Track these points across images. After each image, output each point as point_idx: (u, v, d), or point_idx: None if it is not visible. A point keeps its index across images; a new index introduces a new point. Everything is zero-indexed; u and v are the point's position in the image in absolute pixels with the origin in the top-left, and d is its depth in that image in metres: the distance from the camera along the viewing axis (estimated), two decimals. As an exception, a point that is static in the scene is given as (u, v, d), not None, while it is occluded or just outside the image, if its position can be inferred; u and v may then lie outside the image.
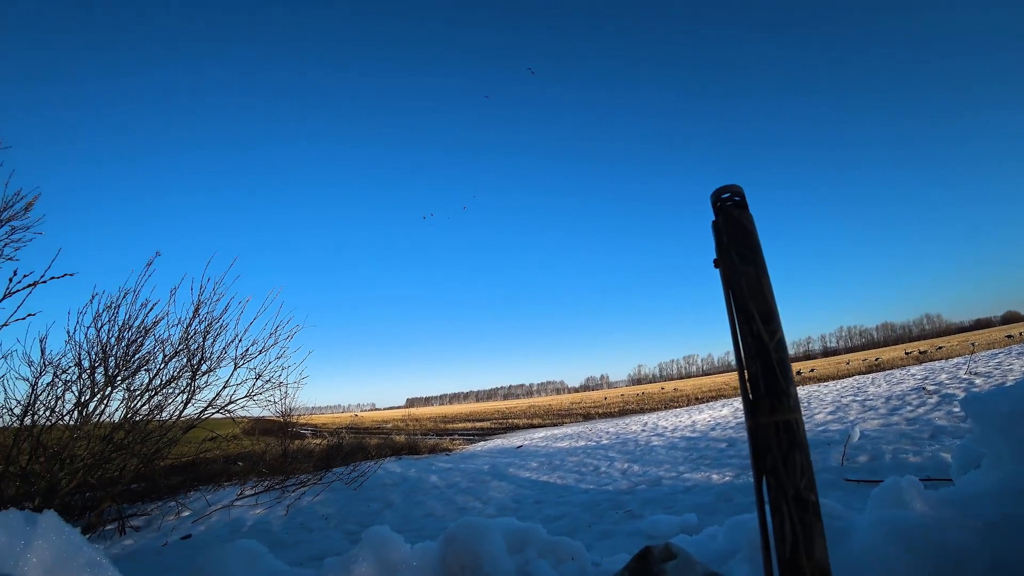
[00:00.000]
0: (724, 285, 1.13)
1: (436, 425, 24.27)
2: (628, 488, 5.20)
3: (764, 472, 0.99)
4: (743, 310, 1.07)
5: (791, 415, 0.99)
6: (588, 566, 1.98)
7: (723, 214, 1.16)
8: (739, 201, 1.16)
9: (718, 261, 1.16)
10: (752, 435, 1.01)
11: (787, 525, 0.93)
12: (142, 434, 4.72)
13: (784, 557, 0.93)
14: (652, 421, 12.47)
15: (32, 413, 4.10)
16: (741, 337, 1.07)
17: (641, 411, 18.45)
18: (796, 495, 0.94)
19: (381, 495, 5.91)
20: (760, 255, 1.11)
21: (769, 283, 1.10)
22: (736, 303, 1.09)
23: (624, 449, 7.99)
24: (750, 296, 1.07)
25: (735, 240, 1.12)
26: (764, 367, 1.02)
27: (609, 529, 3.81)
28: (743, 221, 1.14)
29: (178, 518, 4.80)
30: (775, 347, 1.03)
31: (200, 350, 5.07)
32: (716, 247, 1.17)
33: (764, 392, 1.01)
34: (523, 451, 9.81)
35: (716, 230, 1.17)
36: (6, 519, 1.13)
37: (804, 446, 0.98)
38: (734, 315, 1.09)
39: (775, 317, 1.07)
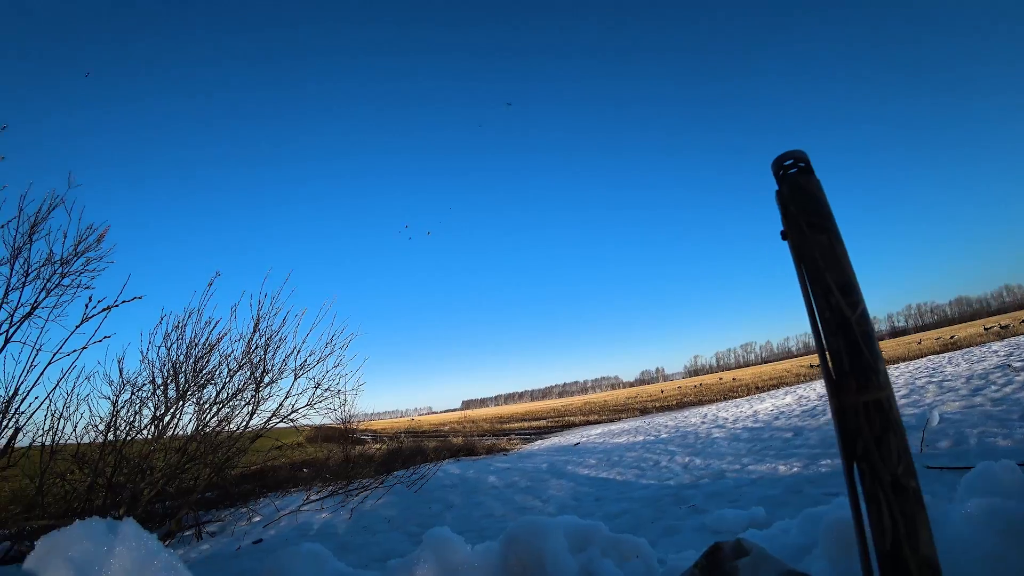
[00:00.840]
0: (795, 258, 1.04)
1: (492, 426, 24.42)
2: (690, 482, 5.05)
3: (855, 458, 0.89)
4: (819, 282, 0.98)
5: (881, 393, 0.90)
6: (654, 564, 1.91)
7: (787, 182, 1.07)
8: (804, 167, 1.07)
9: (786, 233, 1.07)
10: (838, 417, 0.92)
11: (886, 516, 0.84)
12: (213, 445, 4.94)
13: (884, 551, 0.84)
14: (712, 413, 12.10)
15: (114, 429, 4.35)
16: (818, 312, 0.98)
17: (699, 403, 17.96)
18: (894, 482, 0.85)
19: (441, 497, 5.97)
20: (833, 222, 1.02)
21: (845, 252, 1.00)
22: (810, 276, 1.00)
23: (684, 442, 7.78)
24: (825, 267, 0.98)
25: (803, 209, 1.03)
26: (847, 342, 0.93)
27: (673, 525, 3.70)
28: (810, 188, 1.04)
29: (250, 524, 5.00)
30: (858, 320, 0.94)
31: (262, 363, 5.27)
32: (782, 218, 1.08)
33: (849, 369, 0.92)
34: (581, 448, 9.71)
35: (781, 200, 1.08)
36: (89, 527, 1.18)
37: (899, 427, 0.88)
38: (809, 289, 1.00)
39: (855, 288, 0.97)
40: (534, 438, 14.71)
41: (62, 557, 1.09)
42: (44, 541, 1.13)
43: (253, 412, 5.26)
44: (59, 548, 1.11)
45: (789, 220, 1.05)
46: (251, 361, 5.23)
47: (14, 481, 3.91)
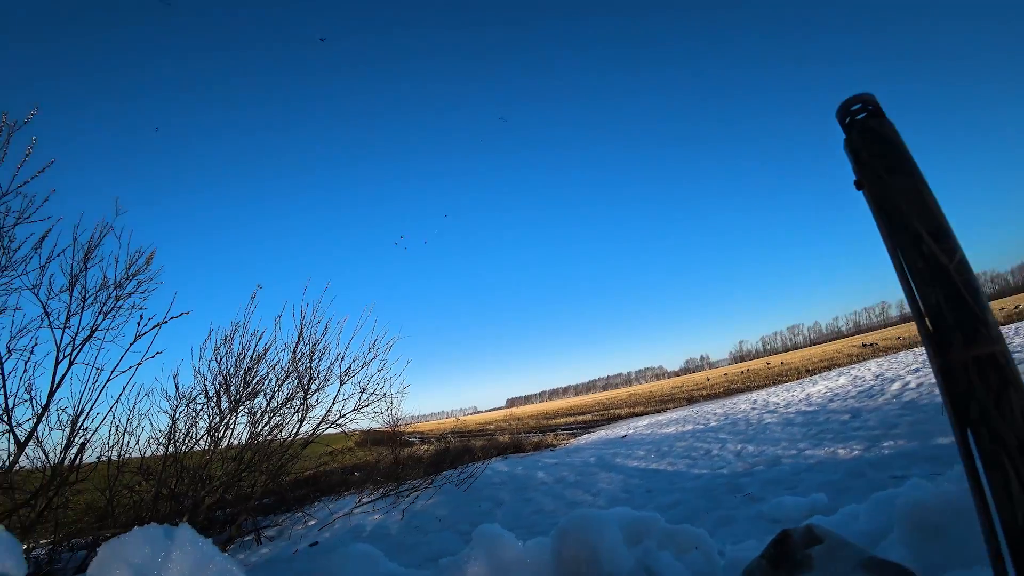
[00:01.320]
0: (874, 209, 0.95)
1: (538, 422, 24.37)
2: (744, 470, 4.89)
3: (968, 422, 0.79)
4: (906, 231, 0.89)
5: (995, 347, 0.80)
6: (714, 556, 1.83)
7: (856, 128, 0.98)
8: (874, 110, 0.98)
9: (860, 182, 0.98)
10: (944, 378, 0.82)
11: (1014, 485, 0.74)
12: (266, 452, 5.08)
13: (1014, 525, 0.74)
14: (762, 398, 11.72)
15: (174, 441, 4.53)
16: (907, 264, 0.89)
17: (748, 389, 17.43)
18: (1022, 445, 0.74)
19: (491, 494, 5.97)
20: (915, 165, 0.92)
21: (933, 196, 0.90)
22: (894, 225, 0.91)
23: (735, 429, 7.55)
24: (912, 213, 0.88)
25: (879, 154, 0.94)
26: (947, 293, 0.84)
27: (728, 515, 3.58)
28: (884, 131, 0.95)
29: (305, 527, 5.12)
30: (957, 268, 0.84)
31: (308, 371, 5.39)
32: (855, 167, 0.99)
33: (953, 323, 0.82)
34: (628, 440, 9.57)
35: (851, 148, 0.99)
36: (147, 533, 1.21)
37: (1019, 383, 0.78)
38: (894, 239, 0.91)
39: (949, 233, 0.87)
40: (580, 432, 14.60)
41: (122, 562, 1.11)
42: (105, 547, 1.16)
43: (303, 419, 5.38)
44: (119, 554, 1.14)
45: (863, 168, 0.96)
46: (297, 369, 5.36)
47: (87, 494, 4.11)
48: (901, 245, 0.89)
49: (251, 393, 5.03)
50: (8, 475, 3.32)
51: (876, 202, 0.95)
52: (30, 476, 3.60)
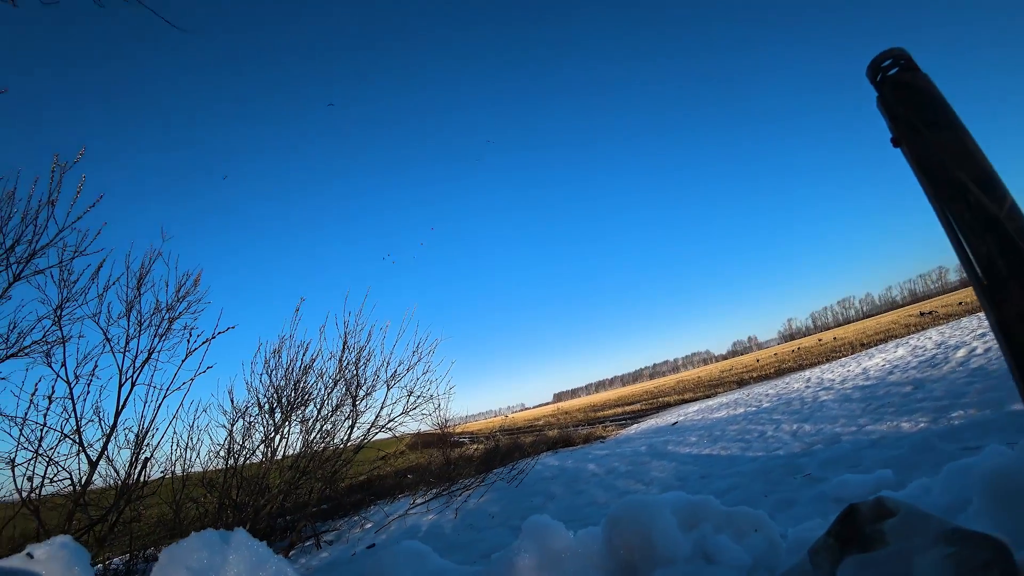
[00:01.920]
0: (914, 166, 0.89)
1: (586, 415, 24.21)
2: (802, 450, 4.72)
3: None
4: (950, 183, 0.83)
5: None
6: (776, 538, 1.75)
7: (890, 84, 0.93)
8: (907, 63, 0.92)
9: (897, 139, 0.92)
10: (1003, 331, 0.76)
11: None
12: (320, 460, 5.23)
13: None
14: (815, 376, 11.30)
15: (233, 454, 4.71)
16: (954, 217, 0.83)
17: (800, 367, 16.82)
18: None
19: (542, 489, 5.97)
20: (955, 116, 0.86)
21: (977, 145, 0.84)
22: (937, 179, 0.85)
23: (789, 409, 7.30)
24: (955, 164, 0.83)
25: (916, 108, 0.89)
26: (1000, 242, 0.78)
27: (788, 497, 3.46)
28: (920, 83, 0.90)
29: (363, 530, 5.23)
30: (1008, 215, 0.78)
31: (355, 378, 5.52)
32: (890, 125, 0.93)
33: (1007, 273, 0.78)
34: (679, 427, 9.40)
35: (884, 106, 0.94)
36: (204, 538, 1.26)
37: None
38: (938, 194, 0.86)
39: (997, 180, 0.81)
40: (630, 422, 14.43)
41: (181, 566, 1.16)
42: (165, 553, 1.21)
43: (353, 425, 5.52)
44: (178, 559, 1.18)
45: (900, 124, 0.91)
46: (344, 377, 5.49)
47: (156, 507, 4.33)
48: (946, 198, 0.84)
49: (302, 403, 5.19)
50: (83, 493, 3.52)
51: (916, 158, 0.90)
52: (103, 493, 3.81)
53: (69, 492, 3.56)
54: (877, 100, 0.95)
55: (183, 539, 1.25)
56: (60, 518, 3.47)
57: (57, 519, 3.47)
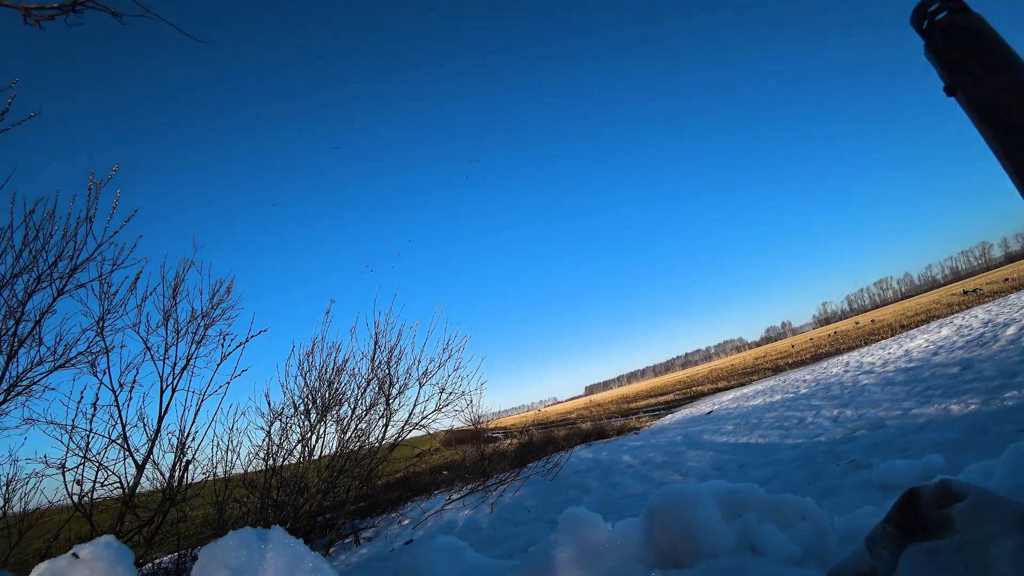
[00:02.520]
0: (972, 113, 0.82)
1: (619, 407, 24.04)
2: (844, 436, 4.57)
3: None
4: (1015, 128, 0.76)
5: None
6: (825, 526, 1.68)
7: (939, 29, 0.85)
8: (956, 4, 0.85)
9: (951, 87, 0.85)
10: None
11: None
12: (356, 458, 5.29)
13: None
14: (854, 359, 10.95)
15: (272, 455, 4.81)
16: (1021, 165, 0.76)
17: (837, 352, 16.34)
18: None
19: (578, 482, 5.93)
20: (1015, 55, 0.79)
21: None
22: (1001, 125, 0.78)
23: (828, 395, 7.08)
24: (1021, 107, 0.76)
25: (971, 51, 0.81)
26: None
27: (832, 485, 3.35)
28: (973, 24, 0.82)
29: (400, 527, 5.29)
30: None
31: (388, 377, 5.56)
32: (942, 73, 0.86)
33: None
34: (714, 416, 9.23)
35: (934, 52, 0.86)
36: (242, 536, 1.27)
37: None
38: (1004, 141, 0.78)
39: None
40: (663, 413, 14.25)
41: (220, 564, 1.17)
42: (204, 551, 1.23)
43: (387, 423, 5.56)
44: (217, 557, 1.19)
45: (953, 72, 0.83)
46: (377, 376, 5.54)
47: (202, 508, 4.45)
48: (1011, 145, 0.76)
49: (336, 403, 5.25)
50: (132, 495, 3.64)
51: (974, 105, 0.82)
52: (151, 495, 3.93)
53: (119, 495, 3.68)
54: (925, 48, 0.88)
55: (221, 538, 1.26)
56: (111, 520, 3.59)
57: (109, 521, 3.59)
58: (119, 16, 2.26)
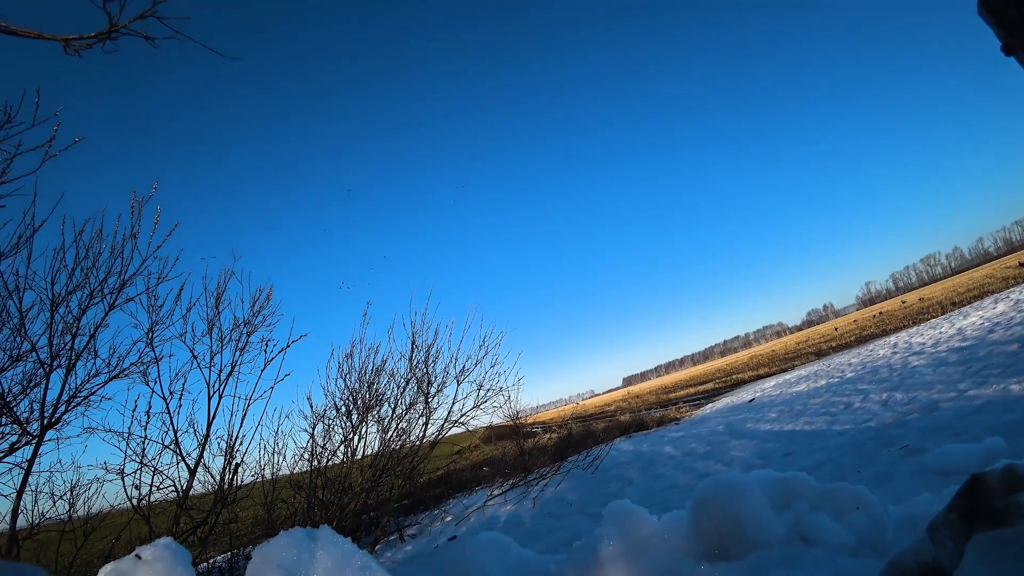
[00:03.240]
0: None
1: (658, 398, 23.72)
2: (895, 420, 4.40)
3: None
4: None
5: None
6: (881, 515, 1.61)
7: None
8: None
9: (1009, 47, 0.79)
10: None
11: None
12: (398, 457, 5.38)
13: None
14: (902, 340, 10.52)
15: (316, 456, 4.93)
16: None
17: (884, 333, 15.72)
18: None
19: (619, 474, 5.88)
20: None
21: None
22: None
23: (876, 378, 6.83)
24: None
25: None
26: None
27: (885, 471, 3.24)
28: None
29: (443, 523, 5.35)
30: None
31: (426, 376, 5.63)
32: (999, 31, 0.80)
33: None
34: (756, 404, 9.02)
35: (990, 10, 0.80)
36: (292, 536, 1.30)
37: None
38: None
39: None
40: (704, 402, 14.01)
41: (273, 563, 1.20)
42: (257, 551, 1.27)
43: (427, 422, 5.64)
44: (269, 556, 1.23)
45: (1011, 29, 0.77)
46: (415, 375, 5.61)
47: (252, 509, 4.61)
48: None
49: (376, 403, 5.35)
50: (186, 498, 3.79)
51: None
52: (203, 498, 4.09)
53: (173, 498, 3.85)
54: (978, 6, 0.82)
55: (273, 538, 1.29)
56: (168, 521, 3.76)
57: (165, 522, 3.76)
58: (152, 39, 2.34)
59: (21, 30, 2.13)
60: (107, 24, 2.21)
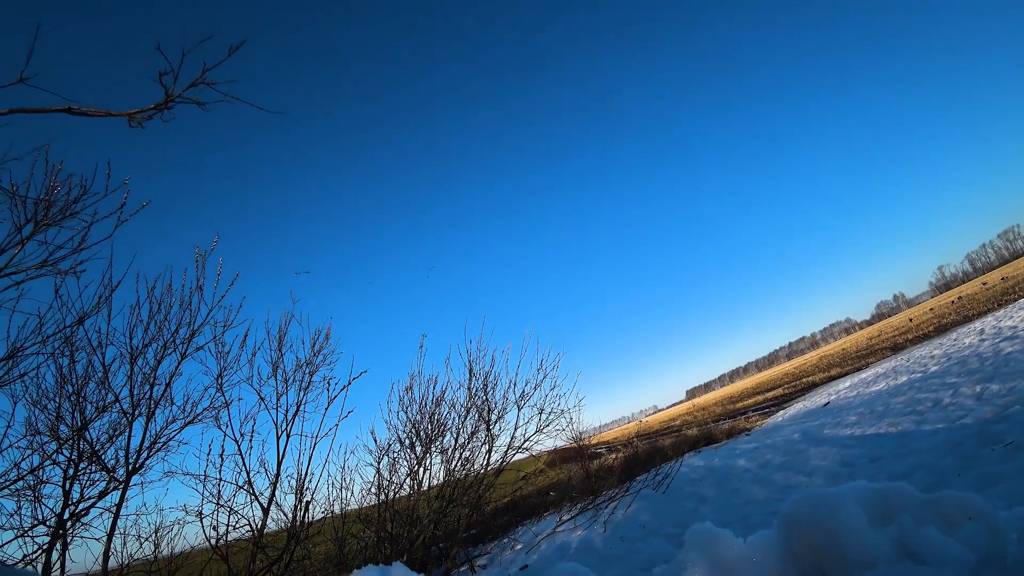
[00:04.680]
0: None
1: (724, 408, 22.82)
2: (994, 415, 4.03)
3: None
4: None
5: None
6: (999, 526, 1.44)
7: None
8: None
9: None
10: None
11: None
12: (463, 486, 5.36)
13: None
14: (989, 325, 9.72)
15: (383, 489, 4.98)
16: None
17: (966, 319, 14.58)
18: None
19: (692, 492, 5.63)
20: None
21: None
22: None
23: (965, 369, 6.30)
24: None
25: None
26: None
27: (991, 472, 2.96)
28: None
29: (513, 552, 5.25)
30: None
31: (485, 403, 5.64)
32: None
33: None
34: (832, 408, 8.50)
35: None
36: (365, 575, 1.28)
37: None
38: None
39: None
40: (774, 410, 13.35)
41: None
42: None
43: (489, 449, 5.62)
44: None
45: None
46: (475, 404, 5.62)
47: (323, 545, 4.68)
48: None
49: (439, 434, 5.38)
50: (260, 536, 3.89)
51: None
52: (277, 535, 4.19)
53: (249, 536, 3.97)
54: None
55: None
56: (245, 560, 3.87)
57: (243, 561, 3.88)
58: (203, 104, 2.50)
59: (92, 111, 2.32)
60: (163, 95, 2.38)
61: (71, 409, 3.48)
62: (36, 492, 3.34)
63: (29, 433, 3.42)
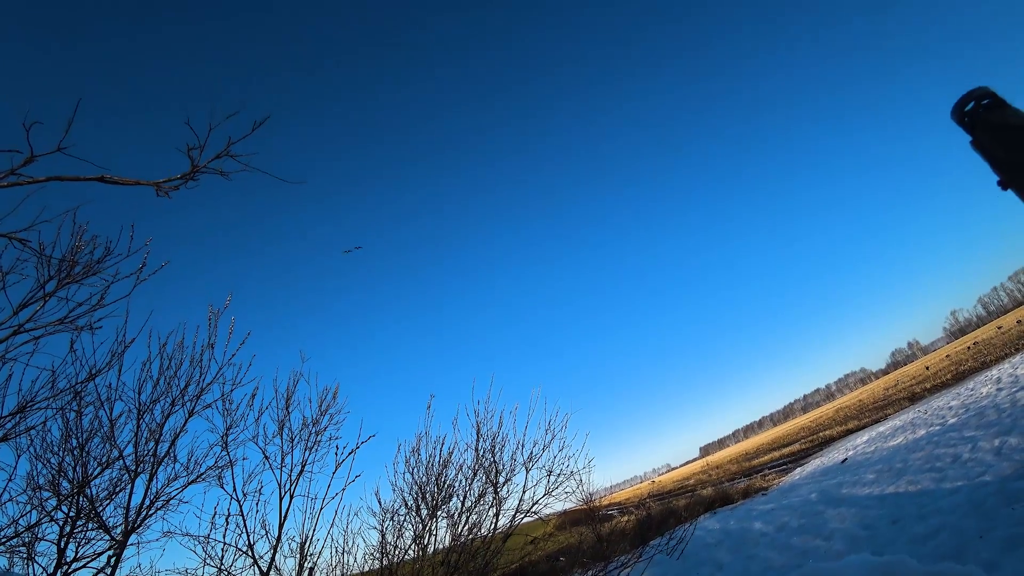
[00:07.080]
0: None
1: (740, 466, 22.15)
2: (1015, 472, 3.93)
3: None
4: None
5: None
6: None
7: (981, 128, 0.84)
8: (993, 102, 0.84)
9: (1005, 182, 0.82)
10: None
11: None
12: (470, 552, 5.19)
13: None
14: (1006, 373, 9.54)
15: (387, 554, 4.84)
16: None
17: (983, 366, 14.31)
18: None
19: (707, 557, 5.43)
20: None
21: None
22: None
23: (983, 422, 6.16)
24: None
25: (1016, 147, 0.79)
26: None
27: (1015, 534, 2.86)
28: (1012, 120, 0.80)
29: (524, 622, 5.02)
30: None
31: (493, 465, 5.55)
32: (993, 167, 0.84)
33: None
34: (850, 464, 8.26)
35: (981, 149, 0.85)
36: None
37: None
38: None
39: None
40: (791, 466, 12.97)
41: None
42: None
43: (497, 513, 5.48)
44: None
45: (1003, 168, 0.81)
46: (483, 466, 5.54)
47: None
48: None
49: (445, 497, 5.27)
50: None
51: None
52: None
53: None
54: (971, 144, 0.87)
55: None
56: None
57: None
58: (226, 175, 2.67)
59: (123, 180, 2.48)
60: (189, 166, 2.56)
61: (73, 464, 3.46)
62: (31, 550, 3.28)
63: (30, 487, 3.40)
